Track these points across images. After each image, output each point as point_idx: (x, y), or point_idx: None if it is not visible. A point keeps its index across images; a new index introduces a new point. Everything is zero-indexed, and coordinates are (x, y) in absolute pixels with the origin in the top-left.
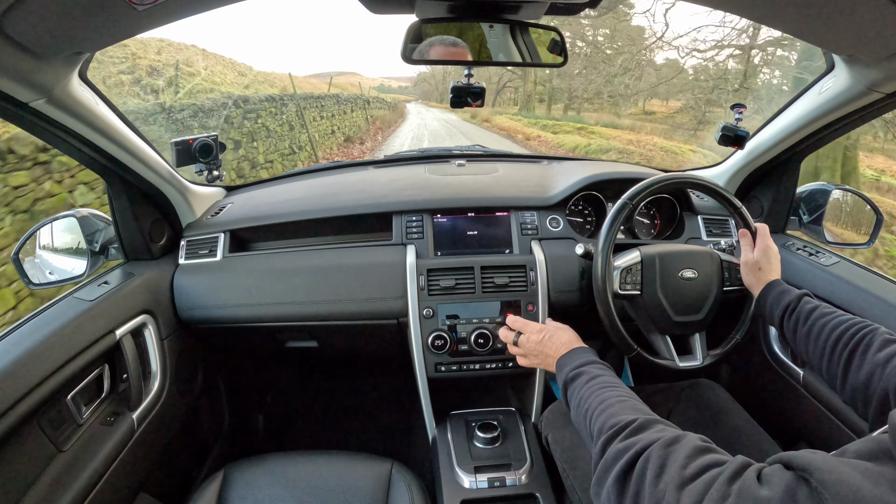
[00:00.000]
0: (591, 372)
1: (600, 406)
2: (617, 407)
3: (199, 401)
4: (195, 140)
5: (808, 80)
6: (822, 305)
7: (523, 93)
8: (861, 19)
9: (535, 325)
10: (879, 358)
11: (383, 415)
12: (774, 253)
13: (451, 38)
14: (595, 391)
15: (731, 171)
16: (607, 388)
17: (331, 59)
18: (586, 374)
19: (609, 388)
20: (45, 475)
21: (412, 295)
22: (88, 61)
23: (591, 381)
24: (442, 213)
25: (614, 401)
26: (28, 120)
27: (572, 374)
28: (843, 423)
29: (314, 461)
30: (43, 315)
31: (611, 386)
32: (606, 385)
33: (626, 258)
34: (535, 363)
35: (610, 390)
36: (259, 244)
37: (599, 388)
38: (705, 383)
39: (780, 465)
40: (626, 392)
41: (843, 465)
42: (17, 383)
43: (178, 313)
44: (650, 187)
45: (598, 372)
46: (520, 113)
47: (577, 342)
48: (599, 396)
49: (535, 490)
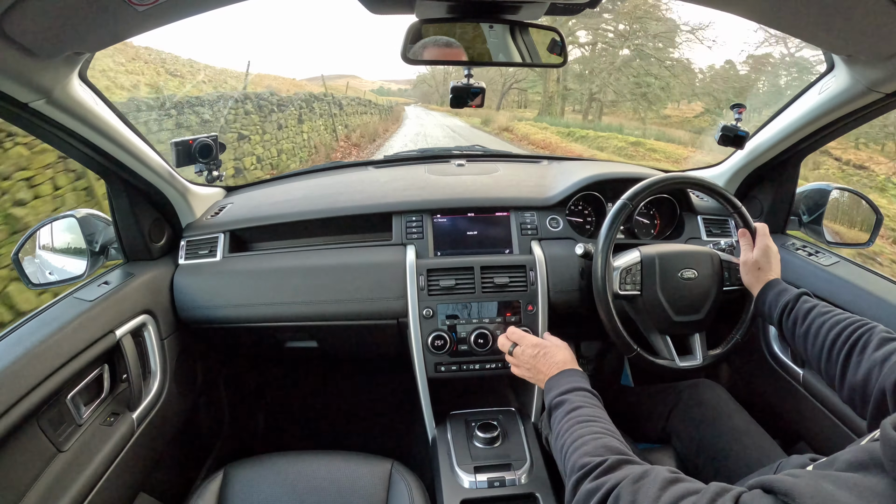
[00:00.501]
0: (573, 402)
1: (574, 444)
2: (590, 445)
3: (199, 401)
4: (195, 140)
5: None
6: (821, 304)
7: (544, 94)
8: (861, 19)
9: (532, 339)
10: (877, 356)
11: (383, 415)
12: (774, 252)
13: (450, 39)
14: (572, 426)
15: (731, 172)
16: (585, 423)
17: (330, 63)
18: (568, 403)
19: (586, 423)
20: (44, 475)
21: (412, 295)
22: (88, 61)
23: (570, 412)
24: (442, 214)
25: (588, 438)
26: (28, 120)
27: (556, 402)
28: (842, 422)
29: (314, 461)
30: (43, 315)
31: (589, 420)
32: (585, 419)
33: (625, 258)
34: (526, 376)
35: (586, 426)
36: (259, 244)
37: (577, 423)
38: (705, 383)
39: (760, 491)
40: (603, 427)
41: (829, 483)
42: (17, 383)
43: (177, 313)
44: (649, 188)
45: (580, 402)
46: (542, 118)
47: (570, 363)
48: (575, 432)
49: (534, 490)
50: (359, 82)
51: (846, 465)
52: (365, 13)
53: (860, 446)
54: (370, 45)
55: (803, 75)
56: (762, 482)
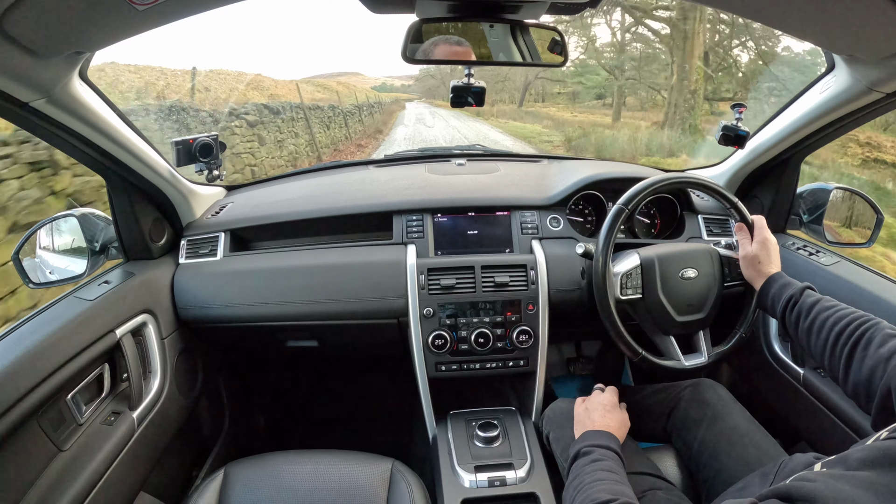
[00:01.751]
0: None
1: (591, 483)
2: (604, 485)
3: (199, 400)
4: (195, 140)
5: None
6: (825, 298)
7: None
8: (861, 19)
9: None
10: (882, 353)
11: (384, 414)
12: (773, 244)
13: (452, 38)
14: (595, 471)
15: (732, 171)
16: (604, 471)
17: (332, 61)
18: (596, 453)
19: (606, 472)
20: (45, 474)
21: (412, 294)
22: (89, 61)
23: (596, 462)
24: (442, 213)
25: (606, 484)
26: (28, 120)
27: (584, 450)
28: (843, 421)
29: (314, 461)
30: (43, 314)
31: (609, 471)
32: (606, 469)
33: (625, 263)
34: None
35: (606, 473)
36: (259, 244)
37: (598, 470)
38: (706, 382)
39: (776, 500)
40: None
41: (845, 484)
42: (18, 383)
43: (178, 313)
44: (644, 191)
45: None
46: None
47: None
48: (594, 475)
49: (535, 489)
50: (361, 79)
51: (859, 464)
52: (366, 13)
53: (871, 444)
54: (373, 42)
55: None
56: (776, 491)
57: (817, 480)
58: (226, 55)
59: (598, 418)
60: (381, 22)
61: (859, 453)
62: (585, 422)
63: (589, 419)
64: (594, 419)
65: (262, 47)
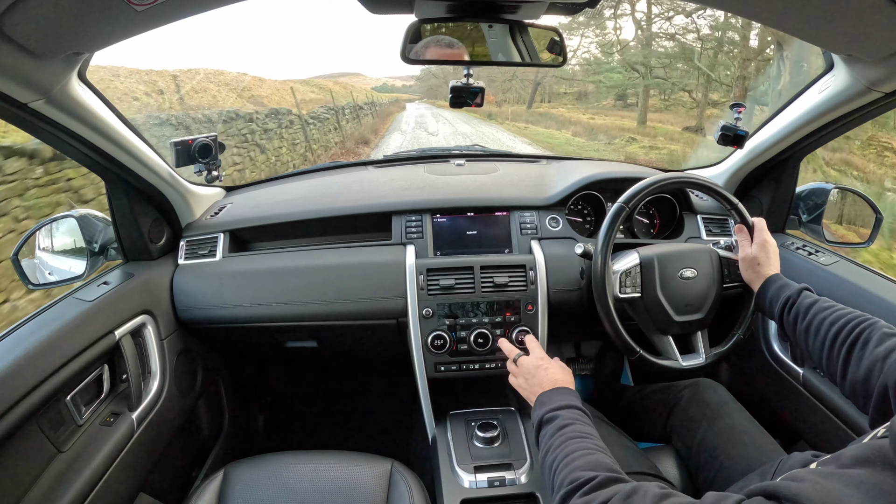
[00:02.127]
0: (565, 419)
1: (565, 459)
2: (581, 461)
3: (199, 401)
4: (194, 140)
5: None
6: (822, 299)
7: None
8: (860, 19)
9: (540, 353)
10: (879, 352)
11: (383, 414)
12: (772, 247)
13: (444, 39)
14: (563, 442)
15: (731, 171)
16: (575, 439)
17: (333, 61)
18: (560, 419)
19: (577, 440)
20: (44, 475)
21: (412, 295)
22: (88, 62)
23: (562, 429)
24: (441, 213)
25: (579, 454)
26: (27, 120)
27: (547, 417)
28: (842, 421)
29: (314, 461)
30: (42, 315)
31: (580, 437)
32: (576, 436)
33: (624, 262)
34: (522, 387)
35: (577, 441)
36: (259, 244)
37: (568, 439)
38: (705, 382)
39: (762, 498)
40: (593, 443)
41: (835, 482)
42: (17, 383)
43: (177, 313)
44: (644, 190)
45: (571, 419)
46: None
47: (566, 383)
48: (566, 448)
49: (535, 489)
50: (362, 80)
51: (851, 461)
52: (366, 13)
53: (865, 443)
54: (375, 43)
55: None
56: (763, 488)
57: (805, 480)
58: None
59: (543, 376)
60: (383, 22)
61: (853, 451)
62: (533, 387)
63: (536, 383)
64: (540, 380)
65: (261, 48)
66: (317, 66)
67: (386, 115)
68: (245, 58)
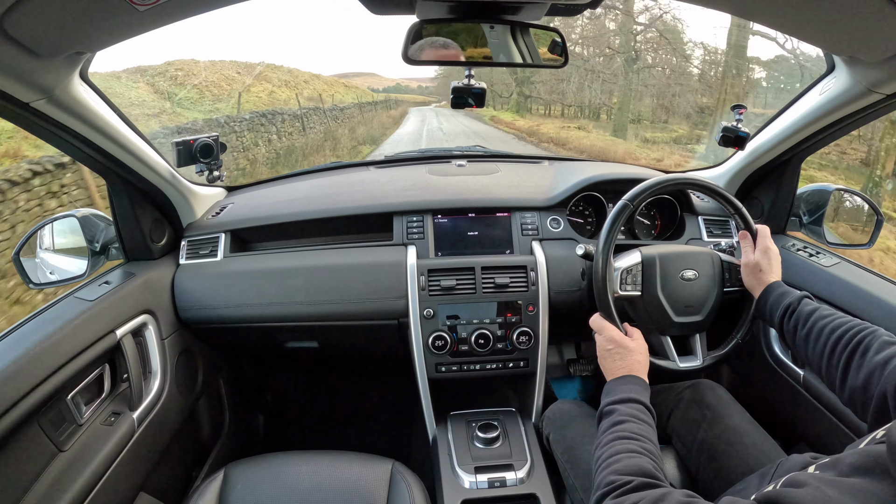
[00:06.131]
0: (621, 414)
1: (609, 459)
2: (622, 464)
3: (199, 401)
4: (196, 140)
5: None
6: (822, 307)
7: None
8: (861, 20)
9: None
10: (878, 360)
11: (384, 415)
12: (775, 254)
13: (439, 40)
14: (612, 440)
15: (732, 172)
16: (624, 440)
17: (348, 61)
18: (616, 414)
19: (625, 440)
20: (45, 475)
21: (413, 295)
22: (89, 61)
23: (615, 426)
24: (443, 214)
25: (623, 456)
26: (29, 120)
27: (607, 409)
28: (842, 423)
29: (314, 461)
30: (43, 315)
31: (629, 437)
32: (626, 436)
33: (626, 259)
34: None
35: (625, 443)
36: (260, 244)
37: (617, 438)
38: (706, 383)
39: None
40: (641, 446)
41: (834, 490)
42: (18, 383)
43: (178, 313)
44: (650, 189)
45: (627, 416)
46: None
47: (637, 370)
48: (612, 448)
49: (535, 490)
50: (377, 80)
51: (850, 469)
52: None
53: (863, 449)
54: (388, 43)
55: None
56: (768, 497)
57: (806, 485)
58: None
59: (614, 363)
60: (396, 23)
61: (851, 458)
62: (607, 371)
63: (608, 367)
64: (612, 366)
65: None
66: (330, 66)
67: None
68: (249, 53)
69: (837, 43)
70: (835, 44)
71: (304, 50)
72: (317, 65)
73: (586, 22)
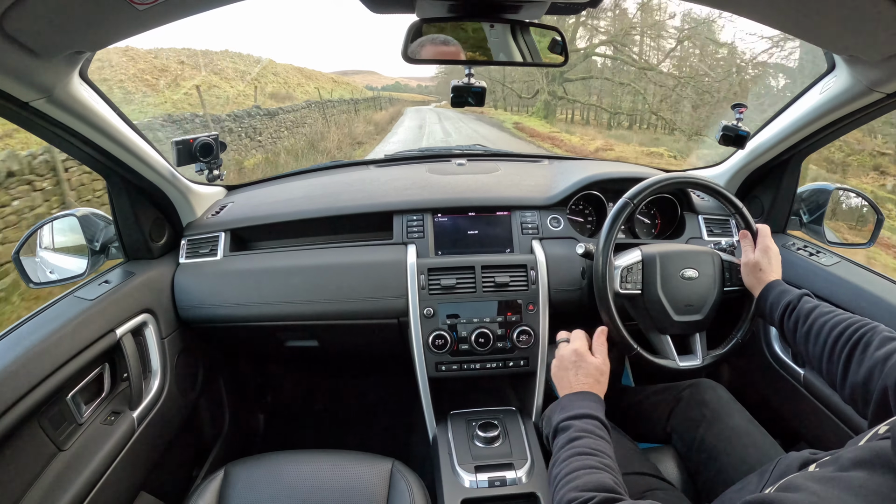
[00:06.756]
0: (577, 430)
1: (567, 476)
2: (582, 480)
3: (199, 400)
4: (196, 139)
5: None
6: (822, 305)
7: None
8: (861, 19)
9: (579, 345)
10: (879, 356)
11: (384, 414)
12: (775, 253)
13: (438, 38)
14: (570, 456)
15: (732, 171)
16: (582, 456)
17: (347, 59)
18: (572, 430)
19: (583, 457)
20: (45, 474)
21: (413, 294)
22: (89, 60)
23: (572, 441)
24: (443, 213)
25: (582, 472)
26: (29, 119)
27: (562, 425)
28: (843, 422)
29: (314, 461)
30: (43, 314)
31: (587, 453)
32: (584, 451)
33: (626, 258)
34: (553, 375)
35: (583, 459)
36: (260, 243)
37: (575, 455)
38: (706, 383)
39: None
40: (599, 461)
41: (833, 487)
42: (18, 382)
43: (178, 312)
44: (651, 187)
45: (583, 432)
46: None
47: (594, 387)
48: (571, 464)
49: (535, 489)
50: (376, 78)
51: (851, 464)
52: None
53: (863, 445)
54: (388, 42)
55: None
56: (762, 500)
57: (801, 490)
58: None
59: (573, 376)
60: (396, 22)
61: (852, 453)
62: (562, 383)
63: (565, 380)
64: (570, 379)
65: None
66: (332, 62)
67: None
68: (253, 47)
69: (838, 42)
70: (835, 43)
71: (304, 47)
72: (316, 62)
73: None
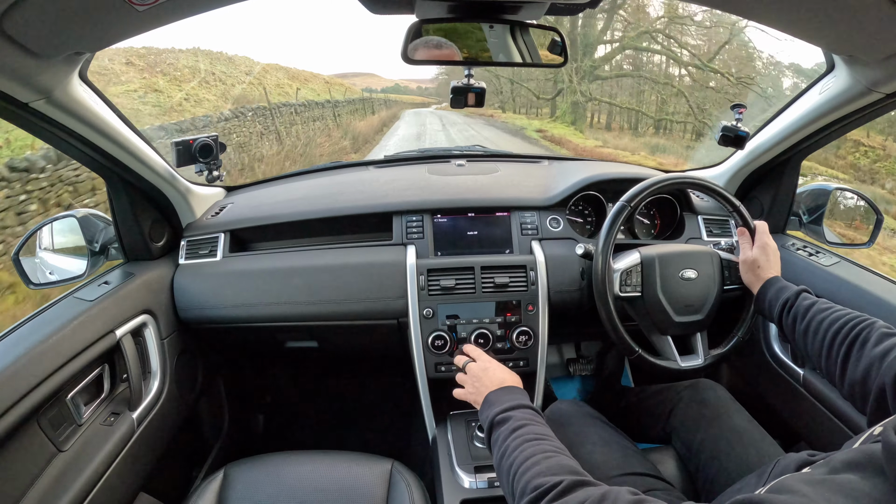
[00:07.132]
0: (518, 419)
1: (525, 463)
2: (543, 465)
3: (199, 401)
4: (195, 140)
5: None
6: (821, 301)
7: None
8: (861, 19)
9: (485, 357)
10: (877, 352)
11: (383, 415)
12: (773, 250)
13: (433, 39)
14: (520, 444)
15: (732, 172)
16: (533, 442)
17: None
18: (513, 420)
19: (535, 442)
20: (45, 475)
21: (412, 295)
22: (89, 61)
23: (516, 430)
24: (442, 214)
25: (540, 457)
26: (28, 120)
27: (499, 418)
28: (842, 422)
29: (314, 461)
30: (43, 315)
31: (537, 439)
32: (533, 437)
33: (626, 260)
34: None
35: (535, 444)
36: (259, 244)
37: (525, 442)
38: (705, 383)
39: None
40: (552, 445)
41: (824, 491)
42: (18, 383)
43: (178, 313)
44: (650, 188)
45: (525, 420)
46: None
47: (512, 381)
48: (525, 451)
49: None
50: (376, 80)
51: (842, 466)
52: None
53: (857, 448)
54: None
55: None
56: (751, 500)
57: (791, 492)
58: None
59: (488, 378)
60: (395, 24)
61: (845, 455)
62: (480, 389)
63: (482, 385)
64: (486, 383)
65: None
66: (332, 65)
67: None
68: (253, 49)
69: (837, 42)
70: (834, 43)
71: (304, 49)
72: (316, 64)
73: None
